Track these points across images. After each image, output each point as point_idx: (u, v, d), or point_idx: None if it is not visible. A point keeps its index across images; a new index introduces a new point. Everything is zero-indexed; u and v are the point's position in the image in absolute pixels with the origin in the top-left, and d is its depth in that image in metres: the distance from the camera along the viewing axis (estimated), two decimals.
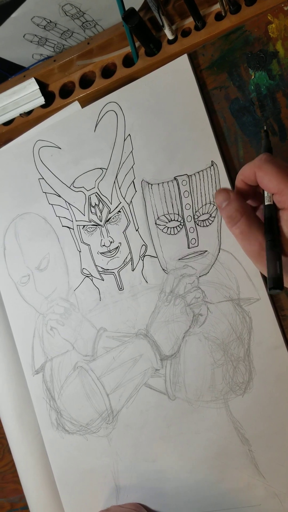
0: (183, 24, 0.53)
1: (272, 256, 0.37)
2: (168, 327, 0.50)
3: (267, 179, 0.37)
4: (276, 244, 0.37)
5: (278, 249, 0.37)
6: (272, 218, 0.38)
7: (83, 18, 0.54)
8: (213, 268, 0.49)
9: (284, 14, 0.47)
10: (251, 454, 0.47)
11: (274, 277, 0.36)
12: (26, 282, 0.57)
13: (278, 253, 0.37)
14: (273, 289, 0.36)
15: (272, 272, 0.36)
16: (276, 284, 0.36)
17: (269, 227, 0.38)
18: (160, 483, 0.50)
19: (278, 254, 0.37)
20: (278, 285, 0.36)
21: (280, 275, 0.36)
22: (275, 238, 0.37)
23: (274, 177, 0.37)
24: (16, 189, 0.58)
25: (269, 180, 0.37)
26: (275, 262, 0.37)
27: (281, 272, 0.36)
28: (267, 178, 0.37)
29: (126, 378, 0.51)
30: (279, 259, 0.37)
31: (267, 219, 0.38)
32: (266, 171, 0.37)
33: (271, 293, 0.37)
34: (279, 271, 0.36)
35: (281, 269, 0.36)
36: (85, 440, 0.53)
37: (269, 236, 0.37)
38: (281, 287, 0.36)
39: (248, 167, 0.39)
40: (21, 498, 0.59)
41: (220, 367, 0.48)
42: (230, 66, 0.50)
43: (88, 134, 0.54)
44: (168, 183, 0.51)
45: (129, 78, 0.54)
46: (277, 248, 0.37)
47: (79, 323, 0.54)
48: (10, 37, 0.55)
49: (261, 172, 0.37)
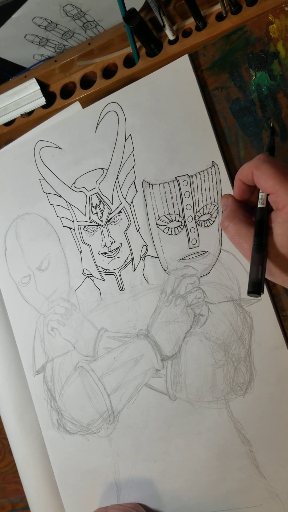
0: (184, 25, 0.53)
1: (256, 260, 0.37)
2: (169, 327, 0.50)
3: (264, 179, 0.37)
4: (262, 249, 0.37)
5: (263, 253, 0.37)
6: (263, 221, 0.38)
7: (84, 18, 0.54)
8: (214, 268, 0.49)
9: (285, 14, 0.47)
10: (252, 455, 0.47)
11: (254, 281, 0.36)
12: (27, 282, 0.57)
13: (262, 258, 0.37)
14: (252, 293, 0.36)
15: (253, 277, 0.36)
16: (255, 288, 0.36)
17: (258, 230, 0.38)
18: (161, 483, 0.50)
19: (262, 259, 0.37)
20: (257, 289, 0.36)
21: (260, 280, 0.36)
22: (262, 242, 0.37)
23: (271, 177, 0.37)
24: (17, 189, 0.58)
25: (265, 180, 0.37)
26: (257, 267, 0.36)
27: (262, 277, 0.36)
28: (263, 178, 0.37)
29: (127, 378, 0.51)
30: (262, 264, 0.37)
31: (257, 222, 0.38)
32: (263, 171, 0.37)
33: (250, 296, 0.37)
34: (260, 276, 0.36)
35: (263, 274, 0.36)
36: (86, 441, 0.53)
37: (256, 240, 0.37)
38: (259, 292, 0.36)
39: (246, 167, 0.39)
40: (22, 499, 0.59)
41: (221, 368, 0.48)
42: (231, 67, 0.50)
43: (89, 135, 0.54)
44: (169, 184, 0.51)
45: (130, 79, 0.54)
46: (262, 252, 0.37)
47: (80, 323, 0.54)
48: (11, 37, 0.55)
49: (258, 172, 0.38)
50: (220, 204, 0.43)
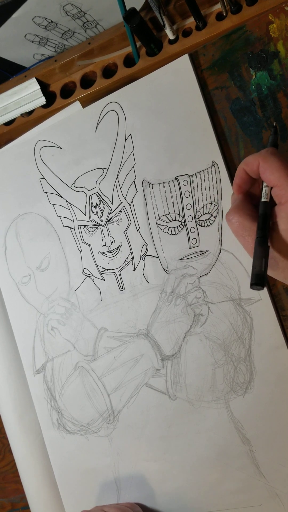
0: (184, 24, 0.53)
1: (260, 253, 0.37)
2: (169, 327, 0.50)
3: (270, 171, 0.38)
4: (265, 241, 0.37)
5: (266, 246, 0.37)
6: (266, 215, 0.39)
7: (84, 18, 0.54)
8: (214, 268, 0.49)
9: (285, 14, 0.47)
10: (252, 454, 0.47)
11: (257, 273, 0.36)
12: (27, 282, 0.57)
13: (266, 251, 0.37)
14: (255, 285, 0.36)
15: (257, 269, 0.37)
16: (258, 280, 0.36)
17: (262, 224, 0.38)
18: (161, 483, 0.50)
19: (265, 252, 0.37)
20: (260, 282, 0.36)
21: (263, 272, 0.36)
22: (265, 235, 0.38)
23: (277, 169, 0.37)
24: (17, 189, 0.58)
25: (271, 172, 0.37)
26: (261, 260, 0.37)
27: (265, 270, 0.37)
28: (270, 170, 0.38)
29: (127, 378, 0.51)
30: (265, 257, 0.37)
31: (261, 216, 0.39)
32: (270, 163, 0.38)
33: (253, 289, 0.37)
34: (264, 268, 0.37)
35: (266, 267, 0.37)
36: (86, 440, 0.53)
37: (260, 233, 0.38)
38: (263, 284, 0.36)
39: (253, 157, 0.39)
40: (22, 498, 0.59)
41: (221, 367, 0.48)
42: (231, 66, 0.50)
43: (89, 134, 0.54)
44: (169, 183, 0.51)
45: (130, 78, 0.54)
46: (265, 245, 0.37)
47: (80, 323, 0.54)
48: (11, 37, 0.55)
49: (265, 163, 0.38)
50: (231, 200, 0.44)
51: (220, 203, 0.49)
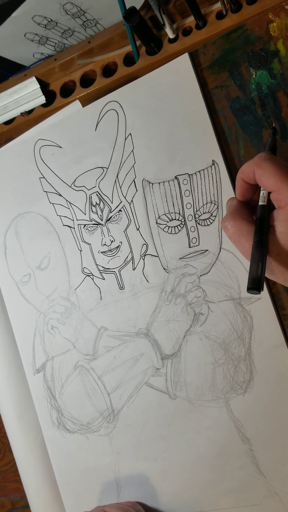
0: (184, 23, 0.53)
1: (257, 257, 0.37)
2: (169, 326, 0.50)
3: (265, 177, 0.37)
4: (263, 245, 0.37)
5: (263, 250, 0.37)
6: (263, 219, 0.38)
7: (84, 17, 0.54)
8: (214, 267, 0.49)
9: (285, 12, 0.47)
10: (252, 453, 0.47)
11: (254, 277, 0.36)
12: (27, 281, 0.57)
13: (263, 255, 0.37)
14: (251, 289, 0.36)
15: (253, 273, 0.36)
16: (254, 285, 0.36)
17: (259, 228, 0.38)
18: (161, 482, 0.51)
19: (262, 256, 0.37)
20: (256, 286, 0.36)
21: (260, 277, 0.36)
22: (263, 239, 0.37)
23: (272, 175, 0.37)
24: (17, 188, 0.58)
25: (267, 178, 0.37)
26: (258, 263, 0.37)
27: (262, 274, 0.36)
28: (265, 176, 0.37)
29: (127, 377, 0.51)
30: (262, 261, 0.37)
31: (258, 219, 0.39)
32: (264, 169, 0.37)
33: (250, 293, 0.37)
34: (260, 272, 0.36)
35: (263, 271, 0.37)
36: (86, 439, 0.53)
37: (257, 237, 0.38)
38: (259, 289, 0.36)
39: (247, 165, 0.39)
40: (22, 497, 0.59)
41: (221, 366, 0.48)
42: (231, 65, 0.50)
43: (89, 133, 0.54)
44: (169, 182, 0.51)
45: (130, 77, 0.54)
46: (262, 249, 0.37)
47: (80, 322, 0.54)
48: (11, 36, 0.55)
49: (260, 170, 0.38)
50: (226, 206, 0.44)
51: (220, 202, 0.49)
